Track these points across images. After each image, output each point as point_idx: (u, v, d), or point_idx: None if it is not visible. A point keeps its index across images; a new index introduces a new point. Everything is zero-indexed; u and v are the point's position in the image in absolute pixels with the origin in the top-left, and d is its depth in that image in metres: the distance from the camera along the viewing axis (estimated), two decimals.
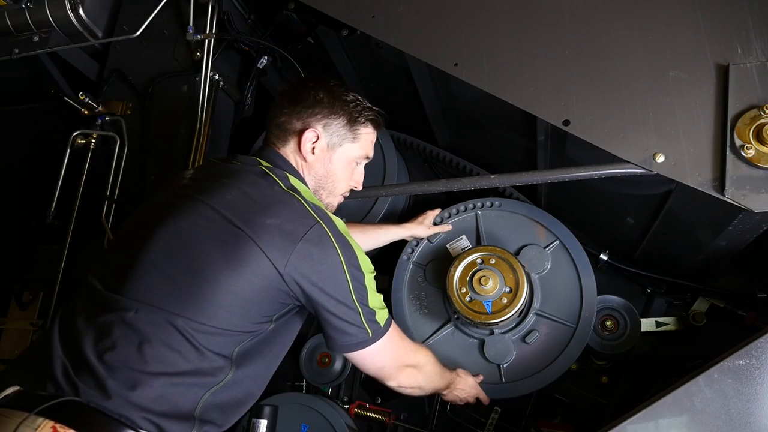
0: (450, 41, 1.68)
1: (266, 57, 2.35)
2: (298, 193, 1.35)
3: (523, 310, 1.86)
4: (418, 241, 2.11)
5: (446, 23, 1.70)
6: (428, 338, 1.99)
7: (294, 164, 1.48)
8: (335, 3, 1.86)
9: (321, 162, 1.50)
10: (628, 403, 1.74)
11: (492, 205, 2.09)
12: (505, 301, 1.82)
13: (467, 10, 1.69)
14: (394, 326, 1.46)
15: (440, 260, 2.05)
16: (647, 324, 2.02)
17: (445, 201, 2.19)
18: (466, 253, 1.90)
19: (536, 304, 1.93)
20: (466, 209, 2.10)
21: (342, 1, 1.85)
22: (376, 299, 1.40)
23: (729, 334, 1.91)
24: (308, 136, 1.46)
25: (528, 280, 1.86)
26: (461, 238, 2.07)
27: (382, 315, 1.41)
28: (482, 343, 1.92)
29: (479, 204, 2.10)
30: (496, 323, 1.82)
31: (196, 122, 2.17)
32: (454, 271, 1.88)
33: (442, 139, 2.39)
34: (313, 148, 1.48)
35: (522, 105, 1.56)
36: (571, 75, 1.54)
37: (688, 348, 1.99)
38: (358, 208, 2.23)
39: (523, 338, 1.91)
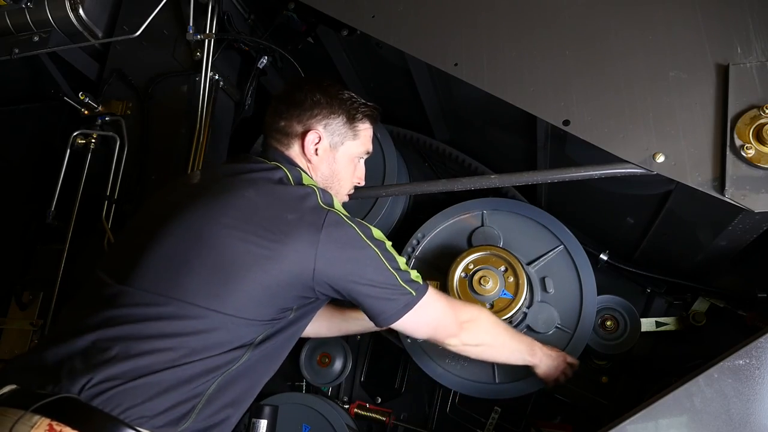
0: (450, 41, 1.68)
1: (266, 57, 2.35)
2: (311, 186, 1.39)
3: (527, 275, 1.89)
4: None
5: (446, 23, 1.70)
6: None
7: (301, 166, 1.50)
8: (335, 3, 1.86)
9: (325, 162, 1.52)
10: (628, 403, 1.74)
11: (418, 241, 2.11)
12: (511, 279, 1.86)
13: (467, 10, 1.69)
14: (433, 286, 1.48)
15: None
16: (647, 324, 2.02)
17: (444, 201, 2.19)
18: (451, 272, 1.89)
19: (527, 264, 1.95)
20: (409, 257, 2.11)
21: (342, 1, 1.85)
22: (404, 262, 1.43)
23: (729, 334, 1.91)
24: (311, 137, 1.49)
25: (509, 252, 1.89)
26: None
27: (416, 274, 1.43)
28: (529, 327, 1.91)
29: (409, 250, 2.11)
30: (523, 299, 1.83)
31: (196, 122, 2.17)
32: (455, 294, 1.87)
33: (442, 139, 2.39)
34: (316, 149, 1.50)
35: (522, 105, 1.56)
36: (571, 75, 1.54)
37: (688, 348, 1.99)
38: (358, 208, 2.23)
39: (545, 289, 1.93)
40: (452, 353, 1.98)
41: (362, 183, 1.66)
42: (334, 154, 1.53)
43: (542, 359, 1.69)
